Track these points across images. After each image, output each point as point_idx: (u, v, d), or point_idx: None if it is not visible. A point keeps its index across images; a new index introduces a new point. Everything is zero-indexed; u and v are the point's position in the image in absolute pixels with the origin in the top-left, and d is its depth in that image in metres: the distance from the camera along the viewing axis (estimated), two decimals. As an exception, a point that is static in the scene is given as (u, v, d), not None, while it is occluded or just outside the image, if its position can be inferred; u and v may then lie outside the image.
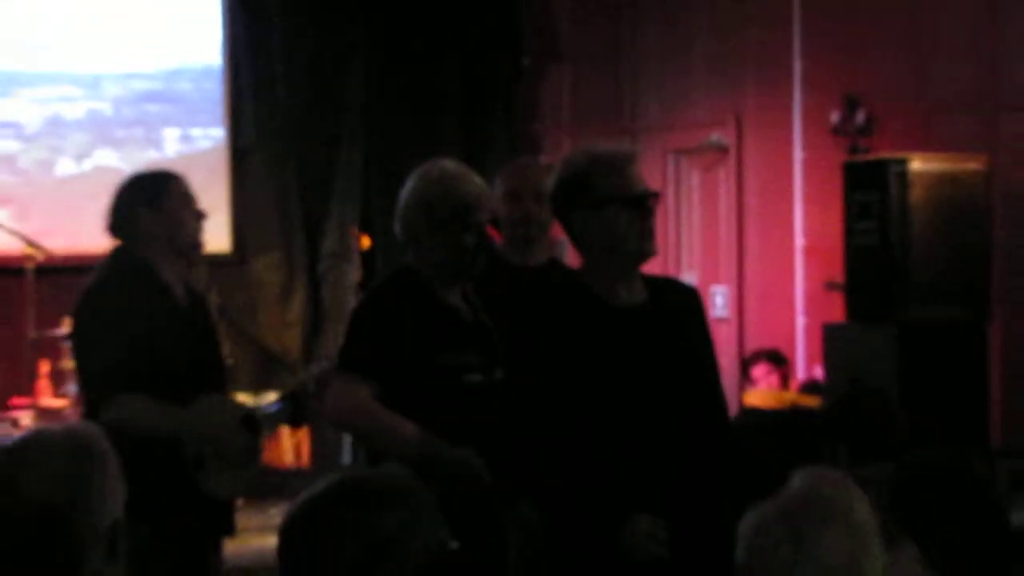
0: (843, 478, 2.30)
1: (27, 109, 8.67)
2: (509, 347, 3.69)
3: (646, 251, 3.57)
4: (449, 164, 4.06)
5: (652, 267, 3.65)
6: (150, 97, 9.00)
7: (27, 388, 8.00)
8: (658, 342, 3.53)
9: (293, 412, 4.65)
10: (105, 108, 8.87)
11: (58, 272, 7.57)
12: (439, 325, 3.92)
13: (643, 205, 3.52)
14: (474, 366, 3.93)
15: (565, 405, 3.44)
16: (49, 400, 7.81)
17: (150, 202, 4.28)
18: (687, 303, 3.73)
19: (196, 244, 4.39)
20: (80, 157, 8.80)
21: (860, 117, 8.08)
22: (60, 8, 8.68)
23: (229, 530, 4.50)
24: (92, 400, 4.20)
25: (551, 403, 3.45)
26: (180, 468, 4.13)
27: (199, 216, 4.39)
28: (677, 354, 3.55)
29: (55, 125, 8.74)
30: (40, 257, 7.55)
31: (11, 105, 8.62)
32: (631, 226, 3.51)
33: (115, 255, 4.38)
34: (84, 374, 4.32)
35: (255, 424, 4.38)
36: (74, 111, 8.79)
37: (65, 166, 8.78)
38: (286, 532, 2.11)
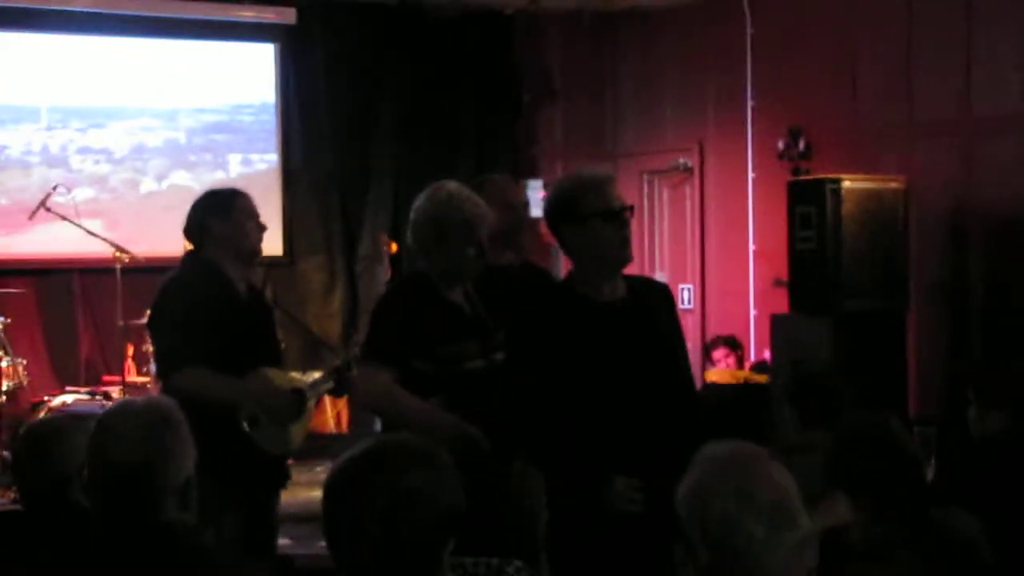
0: (741, 442, 2.26)
1: (117, 138, 8.64)
2: (509, 338, 3.66)
3: (624, 257, 3.53)
4: (453, 186, 3.99)
5: (630, 268, 3.62)
6: (217, 128, 8.97)
7: (116, 367, 8.00)
8: (635, 331, 3.51)
9: (336, 385, 4.62)
10: (180, 137, 8.84)
11: (141, 272, 7.55)
12: (444, 319, 3.89)
13: (620, 218, 3.49)
14: (474, 353, 3.89)
15: (557, 386, 3.41)
16: (134, 377, 7.79)
17: (221, 213, 4.25)
18: (661, 298, 3.70)
19: (256, 250, 4.35)
20: (160, 177, 8.78)
21: (801, 144, 8.05)
22: (144, 55, 8.65)
23: (284, 481, 4.46)
24: (163, 371, 4.18)
25: (545, 385, 3.43)
26: (237, 429, 4.10)
27: (261, 228, 4.36)
28: (651, 341, 3.53)
29: (139, 151, 8.72)
30: (126, 259, 7.53)
31: (104, 134, 8.60)
32: (611, 237, 3.48)
33: (188, 256, 4.36)
34: (158, 349, 4.33)
35: (301, 394, 4.33)
36: (155, 139, 8.76)
37: (147, 185, 8.75)
38: (329, 487, 2.08)
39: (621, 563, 3.38)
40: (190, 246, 4.39)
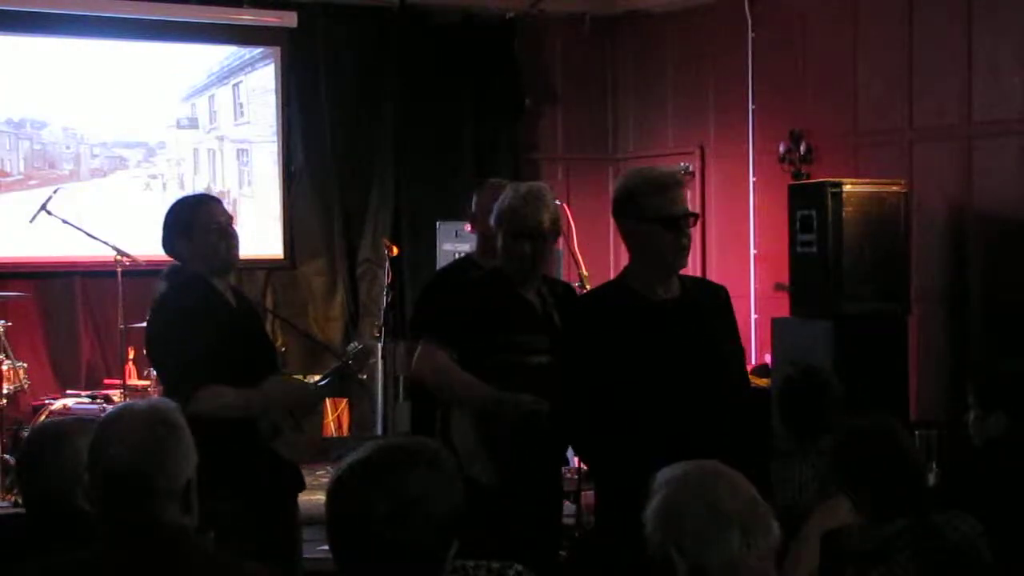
0: (698, 461, 2.28)
1: (117, 141, 8.63)
2: (562, 331, 3.72)
3: (679, 264, 3.57)
4: (538, 186, 4.16)
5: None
6: (217, 131, 8.97)
7: (117, 370, 8.00)
8: (684, 331, 3.53)
9: (339, 385, 4.63)
10: (181, 140, 8.83)
11: (142, 275, 7.53)
12: (514, 312, 4.03)
13: (679, 225, 3.50)
14: (542, 349, 3.98)
15: (606, 381, 3.43)
16: (135, 380, 7.78)
17: (184, 232, 4.12)
18: (715, 299, 3.73)
19: (227, 262, 4.16)
20: (161, 180, 8.78)
21: (802, 148, 8.06)
22: (144, 58, 8.66)
23: (301, 486, 4.44)
24: (175, 399, 4.10)
25: (595, 379, 3.45)
26: (256, 440, 4.07)
27: (227, 236, 4.13)
28: (700, 341, 3.54)
29: (140, 154, 8.73)
30: (127, 262, 7.51)
31: (105, 137, 8.58)
32: (668, 242, 3.50)
33: (172, 271, 4.21)
34: (165, 380, 4.21)
35: (317, 397, 4.38)
36: (155, 142, 8.76)
37: (148, 187, 8.72)
38: (332, 492, 2.09)
39: None
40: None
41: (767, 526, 2.14)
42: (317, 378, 4.77)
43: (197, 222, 4.11)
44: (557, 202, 4.19)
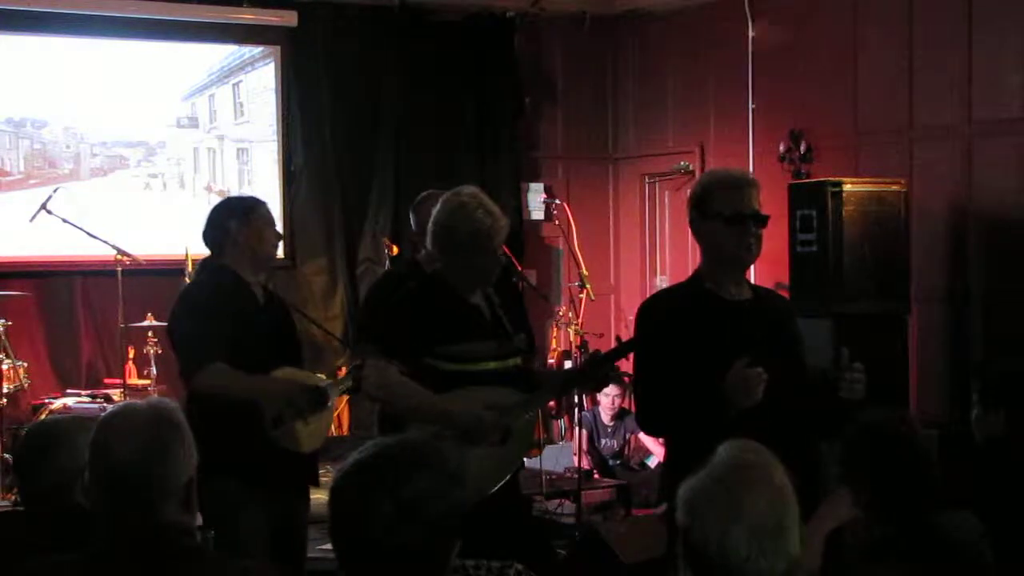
0: (760, 447, 2.25)
1: (118, 140, 8.61)
2: (639, 327, 3.70)
3: (743, 260, 3.64)
4: (467, 194, 3.99)
5: (630, 271, 3.65)
6: (218, 131, 8.96)
7: (117, 370, 7.99)
8: (756, 330, 3.59)
9: (355, 383, 4.62)
10: (181, 139, 8.83)
11: (142, 274, 7.55)
12: (460, 319, 3.96)
13: (743, 223, 3.54)
14: (488, 355, 3.95)
15: (683, 372, 3.47)
16: (135, 380, 7.78)
17: (241, 217, 4.30)
18: (783, 309, 3.83)
19: (271, 256, 4.41)
20: (161, 180, 8.77)
21: (802, 147, 8.06)
22: (145, 57, 8.64)
23: (314, 480, 4.48)
24: (186, 370, 4.17)
25: (673, 369, 3.49)
26: (260, 427, 4.10)
27: (278, 236, 4.41)
28: (773, 342, 3.60)
29: (140, 153, 8.71)
30: (127, 262, 7.51)
31: (105, 136, 8.57)
32: (731, 239, 3.55)
33: (204, 263, 4.43)
34: (180, 350, 4.28)
35: (323, 393, 4.33)
36: (156, 141, 8.76)
37: (149, 187, 8.72)
38: (335, 491, 2.09)
39: None
40: (207, 252, 4.41)
41: (782, 546, 2.11)
42: (321, 376, 4.77)
43: (257, 211, 4.34)
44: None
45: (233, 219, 4.28)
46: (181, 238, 7.20)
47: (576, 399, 7.71)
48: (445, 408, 3.85)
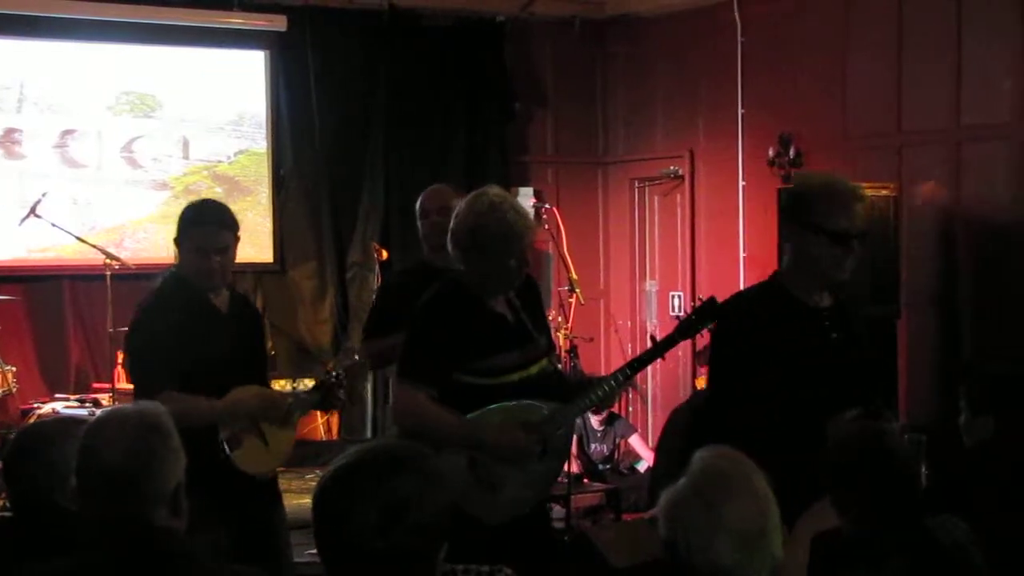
0: (738, 453, 2.25)
1: (107, 145, 8.60)
2: (719, 332, 3.68)
3: (836, 278, 3.56)
4: (497, 195, 3.83)
5: (620, 276, 3.65)
6: (207, 135, 8.95)
7: (106, 374, 7.98)
8: (842, 337, 3.56)
9: (322, 400, 4.50)
10: (170, 144, 8.82)
11: (131, 279, 7.54)
12: (486, 331, 3.82)
13: (848, 243, 3.47)
14: (513, 367, 3.83)
15: (766, 375, 3.44)
16: (124, 384, 7.75)
17: (179, 240, 4.18)
18: (862, 320, 3.76)
19: (208, 284, 4.14)
20: (150, 185, 8.75)
21: (792, 152, 8.07)
22: (134, 61, 8.63)
23: (274, 498, 4.35)
24: (137, 399, 4.08)
25: (755, 374, 3.46)
26: (214, 450, 4.01)
27: (209, 255, 4.09)
28: (855, 348, 3.58)
29: (129, 158, 8.70)
30: (116, 266, 7.51)
31: (94, 141, 8.56)
32: (827, 255, 3.48)
33: (165, 274, 4.27)
34: (132, 377, 4.22)
35: (287, 412, 4.25)
36: (145, 146, 8.73)
37: (137, 192, 8.71)
38: (319, 495, 2.09)
39: None
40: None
41: (765, 550, 2.11)
42: (308, 384, 4.72)
43: (187, 237, 4.13)
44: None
45: (179, 230, 4.15)
46: (169, 242, 7.17)
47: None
48: (481, 437, 3.73)
